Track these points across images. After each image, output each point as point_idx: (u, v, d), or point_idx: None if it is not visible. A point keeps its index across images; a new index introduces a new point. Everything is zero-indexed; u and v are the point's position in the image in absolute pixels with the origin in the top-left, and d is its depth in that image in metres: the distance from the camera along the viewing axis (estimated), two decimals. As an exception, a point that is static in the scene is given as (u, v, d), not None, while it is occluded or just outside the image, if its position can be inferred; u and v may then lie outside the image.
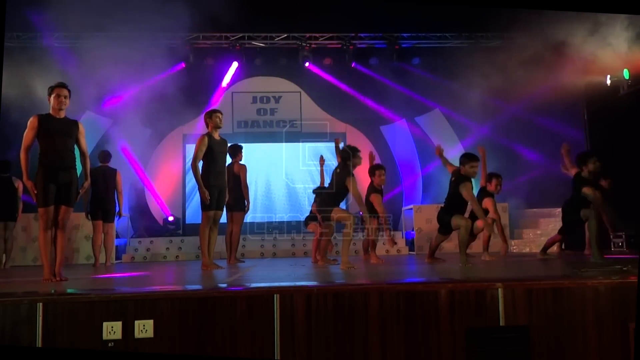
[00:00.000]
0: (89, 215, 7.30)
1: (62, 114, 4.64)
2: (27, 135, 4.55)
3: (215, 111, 6.01)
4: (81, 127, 4.76)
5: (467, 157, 5.91)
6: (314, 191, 6.75)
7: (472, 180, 5.96)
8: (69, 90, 4.69)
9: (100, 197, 7.29)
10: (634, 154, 6.78)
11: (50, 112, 4.61)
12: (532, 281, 3.61)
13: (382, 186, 7.02)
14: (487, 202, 6.72)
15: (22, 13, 8.16)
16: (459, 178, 5.87)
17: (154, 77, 10.57)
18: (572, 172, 6.17)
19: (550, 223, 9.06)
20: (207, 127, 5.95)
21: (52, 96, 4.60)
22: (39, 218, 4.58)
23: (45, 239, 4.56)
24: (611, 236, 8.21)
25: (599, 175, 6.19)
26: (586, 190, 5.95)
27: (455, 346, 3.42)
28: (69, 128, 4.65)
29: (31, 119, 4.57)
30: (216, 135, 5.98)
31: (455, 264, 5.88)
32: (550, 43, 9.12)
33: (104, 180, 7.32)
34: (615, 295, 3.54)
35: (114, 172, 7.47)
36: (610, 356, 3.49)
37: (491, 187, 6.84)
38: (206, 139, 5.86)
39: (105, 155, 7.56)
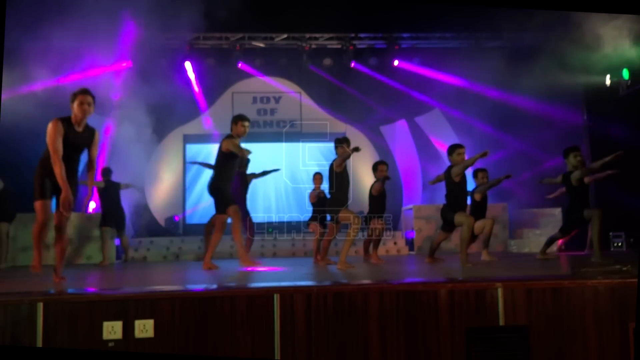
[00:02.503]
0: (101, 228, 7.97)
1: (84, 123, 4.38)
2: (57, 141, 4.24)
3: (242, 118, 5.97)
4: (97, 137, 4.53)
5: (453, 147, 6.12)
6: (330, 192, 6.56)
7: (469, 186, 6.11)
8: (93, 97, 4.40)
9: (112, 212, 8.02)
10: (634, 154, 6.79)
11: (72, 119, 4.33)
12: (532, 281, 3.61)
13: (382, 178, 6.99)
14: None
15: (22, 12, 8.16)
16: (448, 168, 6.07)
17: (154, 77, 10.58)
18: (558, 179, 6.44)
19: (550, 223, 9.07)
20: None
21: (75, 103, 4.31)
22: (36, 213, 4.37)
23: (39, 232, 4.41)
24: (611, 236, 8.24)
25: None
26: (575, 175, 6.08)
27: (455, 346, 3.43)
28: (87, 140, 4.43)
29: (54, 124, 4.26)
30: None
31: (455, 264, 5.88)
32: (550, 42, 9.11)
33: (112, 195, 8.02)
34: (615, 295, 3.54)
35: (117, 185, 8.14)
36: (610, 356, 3.49)
37: (479, 181, 7.14)
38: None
39: (108, 172, 8.14)
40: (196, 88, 11.08)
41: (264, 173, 7.48)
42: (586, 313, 3.52)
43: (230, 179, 5.93)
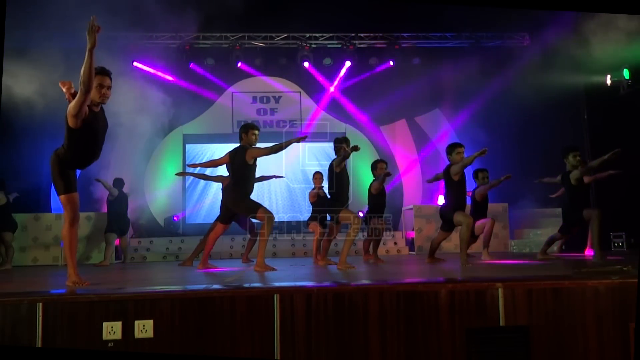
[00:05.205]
0: (106, 233, 8.19)
1: (98, 108, 3.97)
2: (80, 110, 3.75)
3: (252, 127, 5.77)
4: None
5: (452, 146, 6.11)
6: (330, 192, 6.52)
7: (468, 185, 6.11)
8: (111, 79, 3.98)
9: (118, 220, 8.28)
10: (634, 154, 6.78)
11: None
12: (532, 281, 3.61)
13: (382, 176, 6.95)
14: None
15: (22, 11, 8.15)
16: (447, 167, 6.07)
17: (154, 76, 10.58)
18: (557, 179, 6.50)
19: (551, 223, 9.06)
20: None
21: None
22: (64, 209, 4.00)
23: (71, 234, 3.99)
24: (611, 236, 8.23)
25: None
26: (574, 174, 6.17)
27: (455, 346, 3.42)
28: (105, 122, 4.06)
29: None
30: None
31: (455, 264, 5.88)
32: (551, 42, 9.11)
33: (121, 204, 8.31)
34: (615, 295, 3.54)
35: (126, 197, 8.50)
36: (610, 356, 3.49)
37: (479, 182, 7.17)
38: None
39: (121, 183, 8.44)
40: (195, 87, 11.08)
41: (262, 178, 7.39)
42: (586, 313, 3.52)
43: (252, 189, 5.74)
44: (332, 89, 11.44)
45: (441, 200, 10.69)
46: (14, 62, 8.11)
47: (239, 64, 10.93)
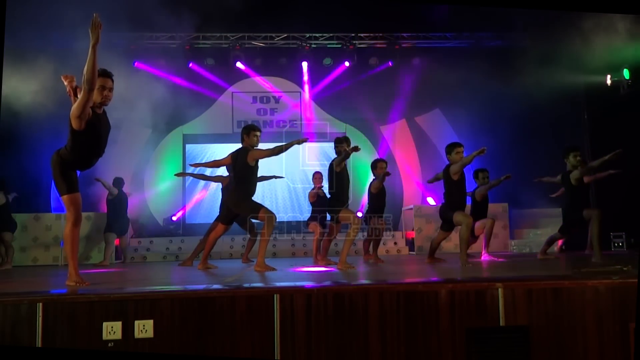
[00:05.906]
0: (105, 233, 8.22)
1: (101, 110, 3.97)
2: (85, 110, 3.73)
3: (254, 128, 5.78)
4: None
5: (451, 145, 6.12)
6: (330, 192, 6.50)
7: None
8: (113, 81, 3.95)
9: (118, 220, 8.29)
10: (634, 154, 6.78)
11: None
12: (532, 281, 3.61)
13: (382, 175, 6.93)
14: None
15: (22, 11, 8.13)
16: (447, 167, 6.08)
17: (154, 76, 10.57)
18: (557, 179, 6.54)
19: (551, 223, 9.06)
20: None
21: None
22: (66, 209, 3.99)
23: (73, 234, 3.98)
24: (611, 236, 8.24)
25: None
26: (574, 174, 6.17)
27: (455, 346, 3.42)
28: (108, 125, 4.07)
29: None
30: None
31: (455, 264, 5.87)
32: (551, 42, 9.11)
33: (121, 204, 8.34)
34: (615, 295, 3.54)
35: (126, 197, 8.53)
36: (610, 356, 3.49)
37: (480, 182, 7.21)
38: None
39: (120, 182, 8.44)
40: (195, 87, 11.07)
41: (262, 178, 7.38)
42: (586, 313, 3.52)
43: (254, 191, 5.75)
44: (318, 90, 11.44)
45: (431, 201, 10.79)
46: (13, 63, 8.11)
47: (239, 64, 10.94)
